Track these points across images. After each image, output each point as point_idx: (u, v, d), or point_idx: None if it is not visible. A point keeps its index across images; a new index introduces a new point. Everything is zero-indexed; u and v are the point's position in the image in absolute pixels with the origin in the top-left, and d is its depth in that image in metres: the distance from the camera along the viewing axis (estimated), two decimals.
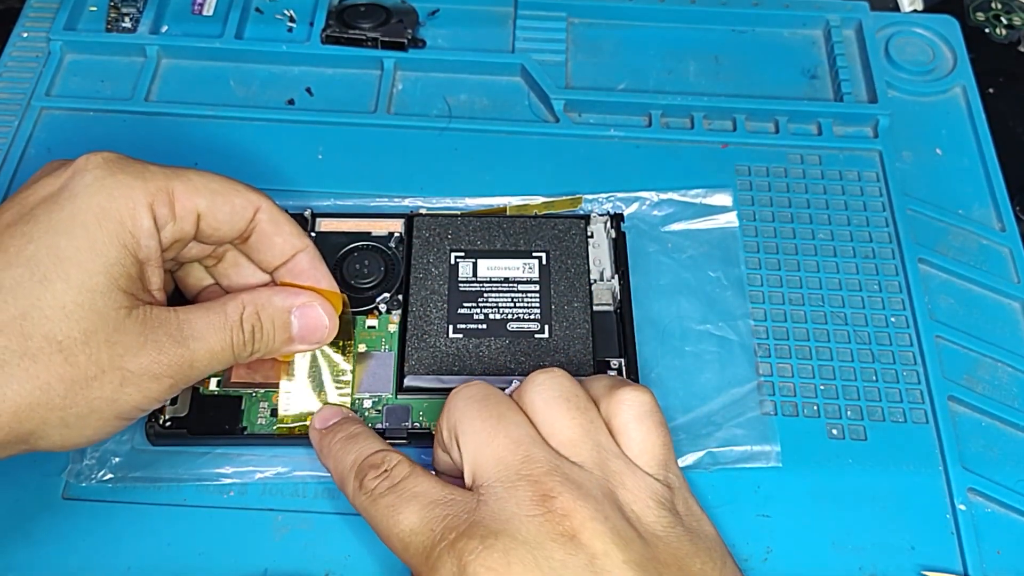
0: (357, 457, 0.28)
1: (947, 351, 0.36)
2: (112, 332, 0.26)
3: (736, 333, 0.35)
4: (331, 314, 0.30)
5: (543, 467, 0.25)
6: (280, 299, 0.30)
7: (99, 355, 0.25)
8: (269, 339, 0.29)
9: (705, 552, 0.26)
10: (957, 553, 0.31)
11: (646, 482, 0.26)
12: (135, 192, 0.27)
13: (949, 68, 0.44)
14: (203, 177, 0.28)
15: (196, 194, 0.28)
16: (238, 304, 0.29)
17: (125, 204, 0.26)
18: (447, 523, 0.25)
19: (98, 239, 0.26)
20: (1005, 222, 0.39)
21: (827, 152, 0.41)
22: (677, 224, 0.38)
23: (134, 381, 0.26)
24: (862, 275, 0.37)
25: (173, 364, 0.27)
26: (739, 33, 0.45)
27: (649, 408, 0.28)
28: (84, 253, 0.25)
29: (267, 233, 0.30)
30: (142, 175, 0.27)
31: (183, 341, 0.27)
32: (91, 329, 0.25)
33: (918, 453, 0.33)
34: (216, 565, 0.30)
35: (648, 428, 0.27)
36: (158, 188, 0.27)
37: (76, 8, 0.43)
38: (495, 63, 0.43)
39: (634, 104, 0.41)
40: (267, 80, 0.42)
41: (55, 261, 0.25)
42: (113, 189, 0.26)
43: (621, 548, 0.24)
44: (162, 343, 0.27)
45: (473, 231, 0.35)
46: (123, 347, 0.26)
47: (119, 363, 0.26)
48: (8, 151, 0.39)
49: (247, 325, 0.29)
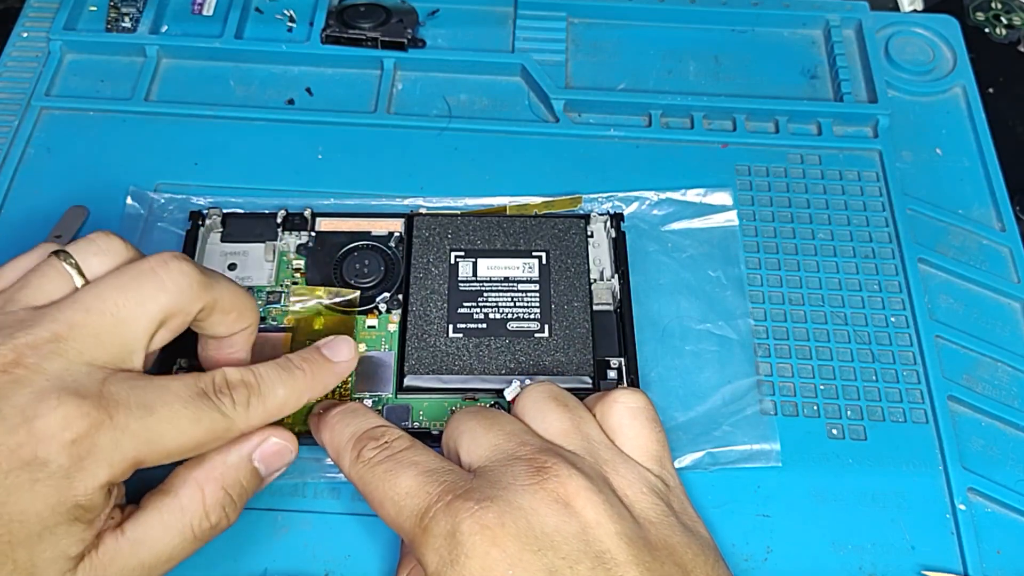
0: (356, 430, 0.28)
1: (947, 351, 0.36)
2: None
3: (736, 332, 0.35)
4: (286, 435, 0.28)
5: (537, 448, 0.26)
6: (236, 456, 0.27)
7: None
8: (243, 502, 0.28)
9: (698, 546, 0.26)
10: (957, 553, 0.31)
11: (639, 471, 0.27)
12: (99, 478, 0.24)
13: (949, 68, 0.44)
14: (180, 437, 0.25)
15: (167, 457, 0.25)
16: (195, 490, 0.26)
17: (86, 493, 0.24)
18: (444, 487, 0.25)
19: (50, 526, 0.23)
20: (1005, 222, 0.39)
21: (827, 152, 0.41)
22: (677, 223, 0.38)
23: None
24: (862, 275, 0.37)
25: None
26: (739, 33, 0.45)
27: (643, 405, 0.28)
28: (34, 539, 0.23)
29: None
30: (109, 458, 0.24)
31: (139, 567, 0.25)
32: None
33: (918, 453, 0.33)
34: (216, 565, 0.30)
35: (642, 424, 0.28)
36: (124, 471, 0.24)
37: (76, 8, 0.43)
38: (495, 63, 0.43)
39: (634, 104, 0.41)
40: (267, 80, 0.42)
41: (7, 544, 0.23)
42: (77, 482, 0.23)
43: (614, 520, 0.24)
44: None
45: (473, 231, 0.35)
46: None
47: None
48: (8, 151, 0.39)
49: (214, 511, 0.27)
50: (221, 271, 0.35)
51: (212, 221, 0.36)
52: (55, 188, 0.38)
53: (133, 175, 0.39)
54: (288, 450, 0.29)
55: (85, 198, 0.38)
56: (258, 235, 0.36)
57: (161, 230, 0.37)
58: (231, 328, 0.29)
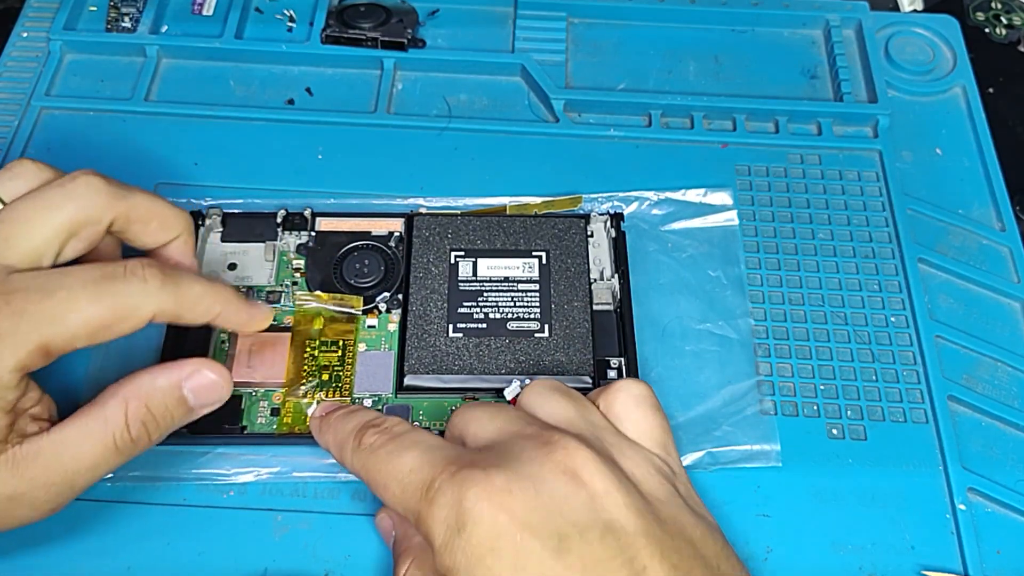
0: (357, 423, 0.28)
1: (947, 351, 0.36)
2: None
3: (736, 332, 0.35)
4: (219, 370, 0.29)
5: (542, 426, 0.26)
6: (165, 380, 0.28)
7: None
8: (167, 424, 0.28)
9: (706, 527, 0.26)
10: (957, 553, 0.31)
11: (646, 454, 0.27)
12: (6, 361, 0.25)
13: (949, 68, 0.44)
14: (81, 315, 0.26)
15: (75, 339, 0.26)
16: (119, 403, 0.27)
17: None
18: (448, 459, 0.25)
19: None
20: (1005, 222, 0.39)
21: (827, 152, 0.41)
22: (677, 223, 0.38)
23: (8, 511, 0.26)
24: (862, 275, 0.37)
25: (52, 492, 0.26)
26: (739, 33, 0.45)
27: (646, 394, 0.28)
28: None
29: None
30: (12, 342, 0.25)
31: (60, 467, 0.26)
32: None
33: (918, 453, 0.33)
34: (216, 565, 0.30)
35: (645, 412, 0.28)
36: (30, 353, 0.25)
37: (76, 8, 0.43)
38: (495, 63, 0.43)
39: (634, 104, 0.41)
40: (267, 80, 0.42)
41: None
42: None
43: (623, 492, 0.24)
44: (37, 477, 0.26)
45: (473, 230, 0.35)
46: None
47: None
48: (8, 151, 0.39)
49: (135, 425, 0.27)
50: (221, 271, 0.35)
51: (212, 221, 0.36)
52: None
53: (133, 175, 0.38)
54: (220, 386, 0.29)
55: None
56: (258, 235, 0.36)
57: None
58: (157, 238, 0.30)
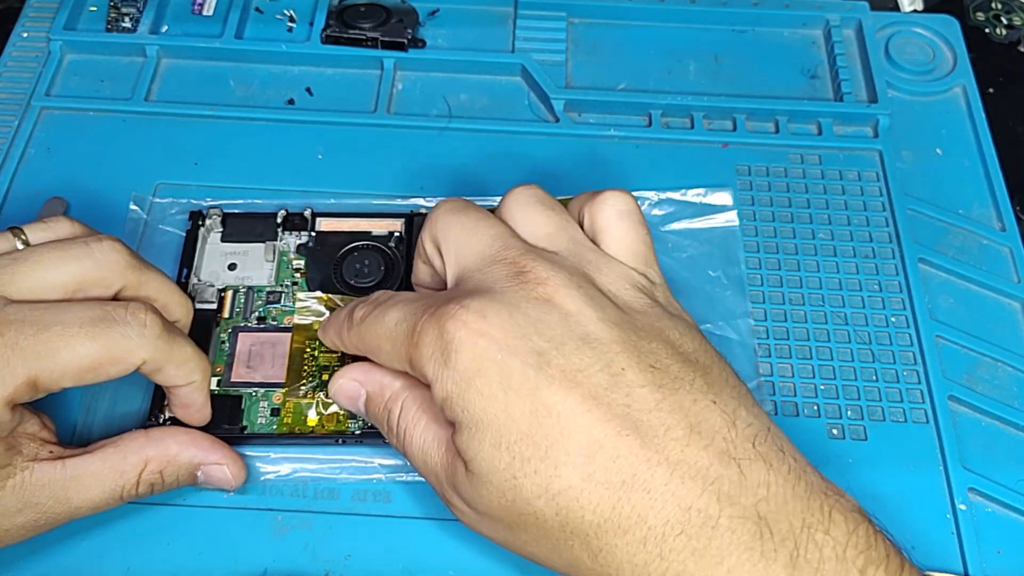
0: (349, 307, 0.29)
1: (947, 351, 0.36)
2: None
3: (736, 332, 0.35)
4: (238, 473, 0.30)
5: (518, 251, 0.26)
6: (189, 456, 0.29)
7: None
8: (169, 488, 0.29)
9: (684, 326, 0.26)
10: (957, 553, 0.31)
11: (623, 270, 0.27)
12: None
13: (949, 68, 0.44)
14: (73, 353, 0.26)
15: (63, 377, 0.26)
16: (139, 462, 0.28)
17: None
18: (427, 304, 0.26)
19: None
20: (1005, 222, 0.39)
21: (827, 152, 0.41)
22: (677, 223, 0.38)
23: (7, 531, 0.26)
24: (862, 275, 0.37)
25: (51, 519, 0.27)
26: (739, 33, 0.45)
27: (630, 207, 0.28)
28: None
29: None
30: (1, 374, 0.25)
31: (66, 500, 0.27)
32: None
33: (918, 453, 0.33)
34: (216, 565, 0.30)
35: (629, 225, 0.28)
36: (17, 387, 0.25)
37: (76, 8, 0.43)
38: (495, 63, 0.42)
39: (634, 104, 0.41)
40: (267, 80, 0.42)
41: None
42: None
43: (595, 308, 0.25)
44: (43, 505, 0.26)
45: None
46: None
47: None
48: (8, 151, 0.39)
49: (144, 483, 0.28)
50: (221, 271, 0.35)
51: (212, 221, 0.36)
52: (55, 188, 0.38)
53: (133, 175, 0.39)
54: (230, 483, 0.30)
55: (85, 198, 0.38)
56: (258, 235, 0.36)
57: (161, 231, 0.37)
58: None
